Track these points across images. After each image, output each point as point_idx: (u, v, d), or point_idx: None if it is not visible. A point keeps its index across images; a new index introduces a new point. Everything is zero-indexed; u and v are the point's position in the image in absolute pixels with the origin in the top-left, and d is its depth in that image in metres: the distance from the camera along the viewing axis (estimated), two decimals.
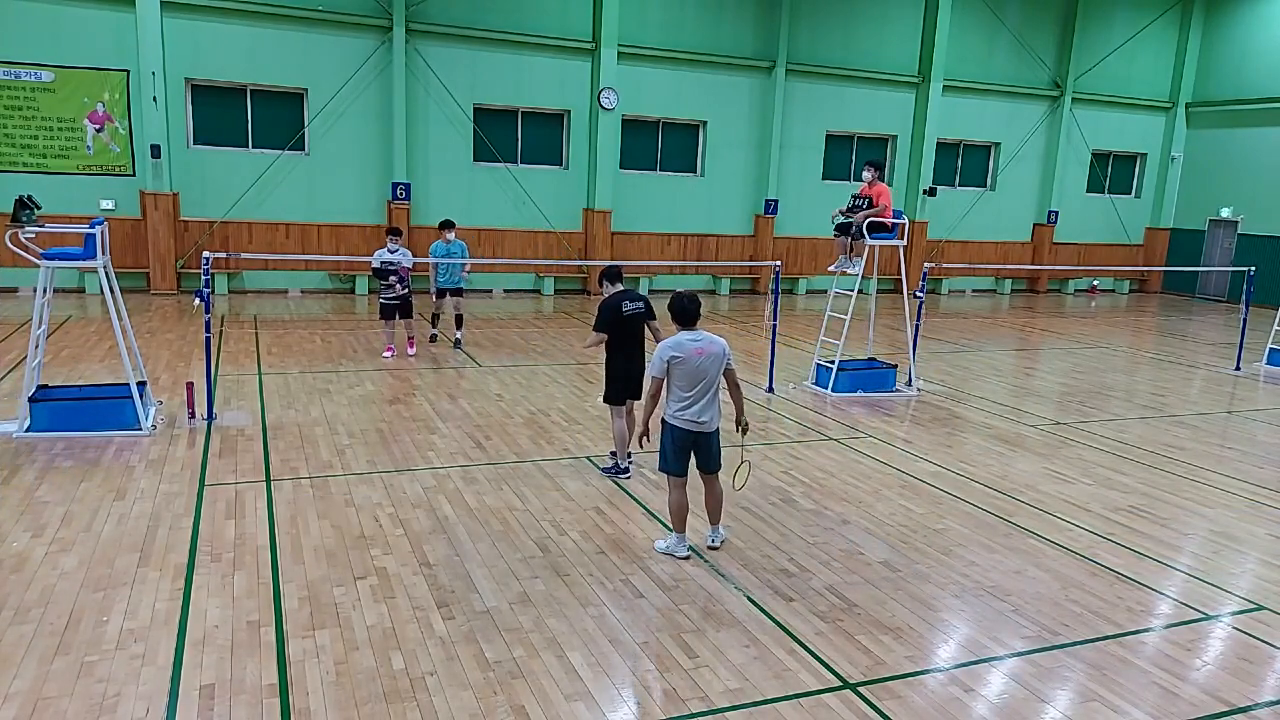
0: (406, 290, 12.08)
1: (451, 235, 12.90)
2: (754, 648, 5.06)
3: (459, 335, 13.48)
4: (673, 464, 6.15)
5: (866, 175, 11.44)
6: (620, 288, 7.87)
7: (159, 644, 4.81)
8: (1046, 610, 5.69)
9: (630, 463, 7.99)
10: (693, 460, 6.21)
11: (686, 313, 6.11)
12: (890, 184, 22.41)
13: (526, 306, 18.35)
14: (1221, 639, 5.49)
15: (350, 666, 4.68)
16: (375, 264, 11.97)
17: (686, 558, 6.16)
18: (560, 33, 19.24)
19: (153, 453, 7.95)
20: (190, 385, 9.09)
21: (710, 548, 6.41)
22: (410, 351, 12.31)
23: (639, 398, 7.71)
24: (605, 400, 7.98)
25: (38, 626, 4.93)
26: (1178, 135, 25.86)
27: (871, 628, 5.36)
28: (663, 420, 6.17)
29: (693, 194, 21.26)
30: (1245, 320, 14.88)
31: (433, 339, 13.59)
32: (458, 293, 13.29)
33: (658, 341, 6.57)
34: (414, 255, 13.20)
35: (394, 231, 12.28)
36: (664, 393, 6.07)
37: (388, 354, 12.33)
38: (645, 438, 6.24)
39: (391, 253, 11.91)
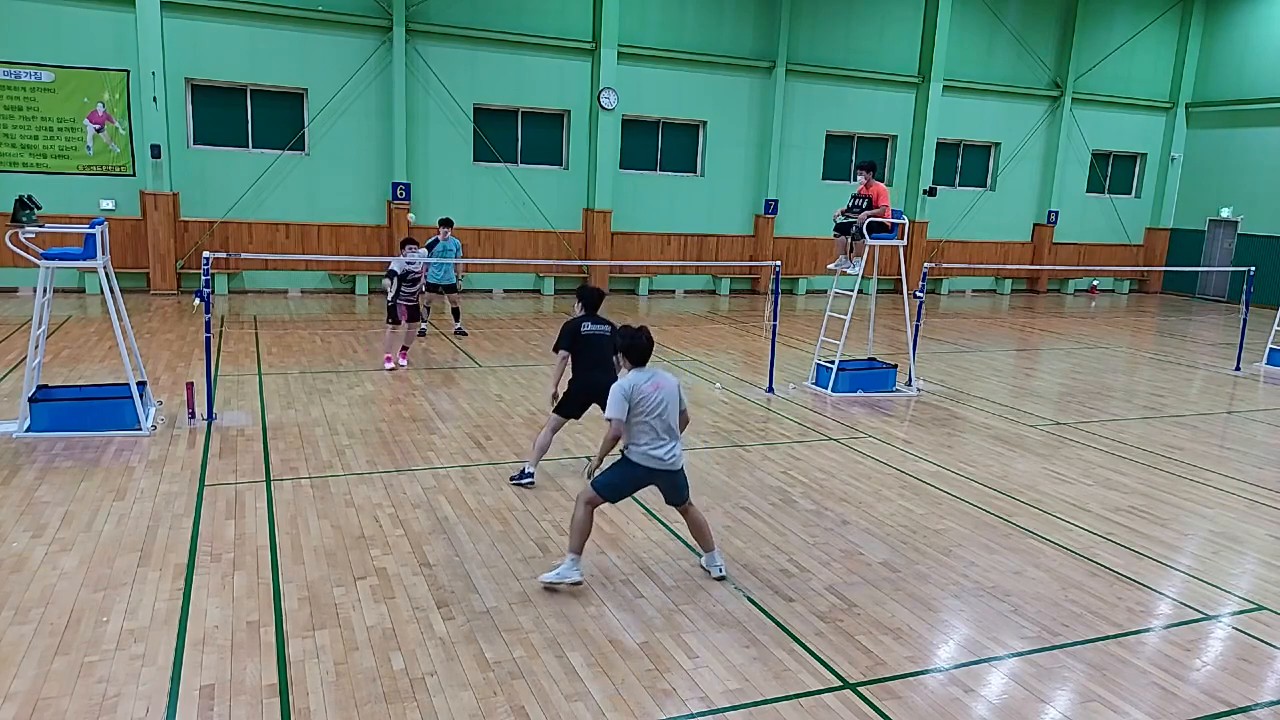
0: (417, 293, 11.92)
1: (447, 233, 13.38)
2: (754, 648, 5.06)
3: (458, 325, 14.30)
4: (612, 494, 5.74)
5: (861, 178, 11.49)
6: (585, 313, 7.65)
7: (159, 644, 4.80)
8: (1046, 610, 5.69)
9: (533, 471, 7.61)
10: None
11: (643, 351, 5.68)
12: (890, 184, 22.51)
13: (526, 306, 18.34)
14: (1221, 639, 5.49)
15: (350, 666, 4.68)
16: (397, 268, 11.57)
17: (579, 583, 5.60)
18: (560, 33, 19.24)
19: (153, 453, 7.95)
20: (190, 385, 9.09)
21: (717, 579, 5.86)
22: (402, 362, 11.81)
23: (576, 415, 7.74)
24: (555, 409, 7.66)
25: (38, 626, 4.93)
26: (1178, 135, 25.86)
27: (871, 628, 5.36)
28: (622, 453, 5.72)
29: (692, 194, 21.26)
30: (1245, 320, 14.89)
31: (421, 333, 13.66)
32: (451, 289, 13.84)
33: (618, 371, 6.03)
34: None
35: (411, 241, 12.11)
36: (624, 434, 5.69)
37: (389, 365, 11.68)
38: (593, 472, 5.79)
39: (409, 263, 11.70)
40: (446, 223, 13.66)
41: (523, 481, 7.54)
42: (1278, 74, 23.41)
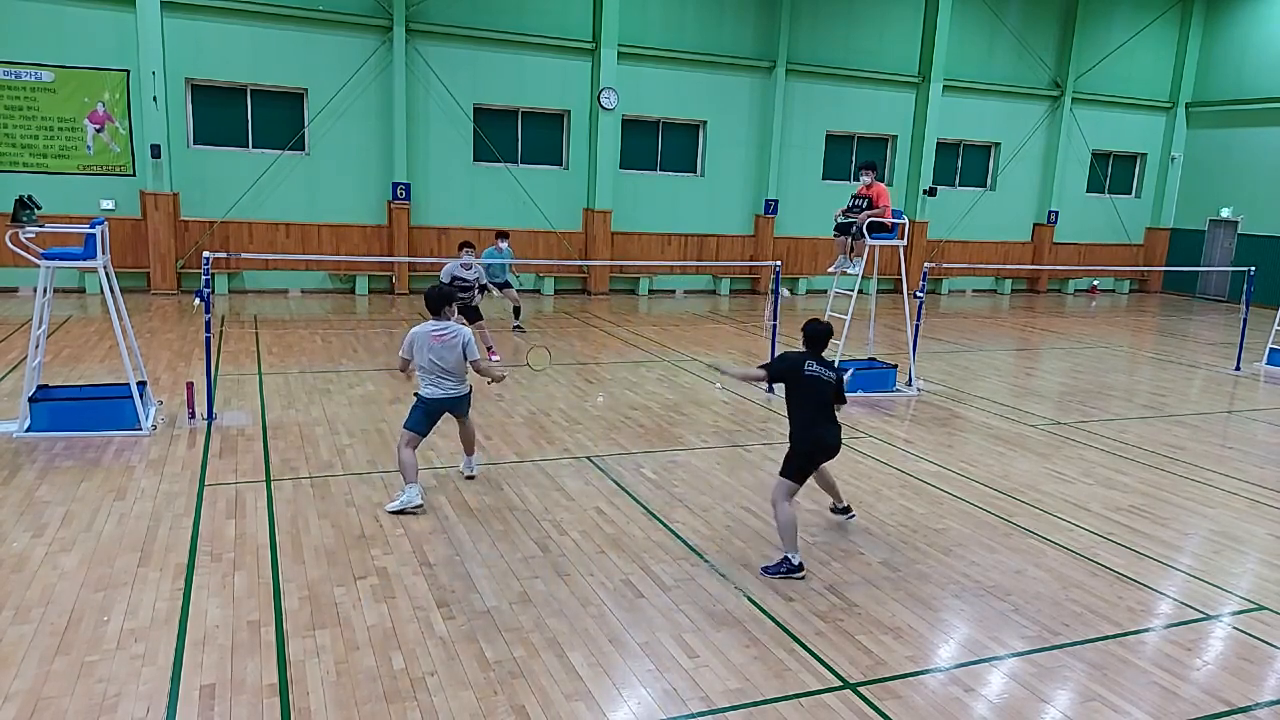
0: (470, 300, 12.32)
1: (504, 244, 14.71)
2: (754, 648, 5.06)
3: (517, 323, 15.28)
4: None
5: (865, 178, 11.49)
6: (813, 350, 6.36)
7: (159, 644, 4.81)
8: (1047, 610, 5.70)
9: (796, 556, 6.08)
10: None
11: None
12: (890, 184, 22.50)
13: (527, 306, 18.25)
14: (1222, 639, 5.49)
15: (350, 666, 4.68)
16: (444, 277, 12.15)
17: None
18: (560, 33, 19.24)
19: (153, 453, 7.95)
20: (190, 385, 9.09)
21: (468, 477, 7.54)
22: (495, 358, 12.43)
23: (803, 480, 6.32)
24: (782, 473, 6.32)
25: (38, 626, 4.93)
26: (1178, 135, 25.85)
27: (871, 628, 5.36)
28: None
29: (693, 194, 21.25)
30: (1245, 320, 14.88)
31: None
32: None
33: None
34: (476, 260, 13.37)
35: (468, 244, 12.81)
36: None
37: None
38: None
39: (466, 268, 12.30)
40: (502, 234, 14.85)
41: (795, 575, 6.00)
42: (1277, 74, 23.40)
